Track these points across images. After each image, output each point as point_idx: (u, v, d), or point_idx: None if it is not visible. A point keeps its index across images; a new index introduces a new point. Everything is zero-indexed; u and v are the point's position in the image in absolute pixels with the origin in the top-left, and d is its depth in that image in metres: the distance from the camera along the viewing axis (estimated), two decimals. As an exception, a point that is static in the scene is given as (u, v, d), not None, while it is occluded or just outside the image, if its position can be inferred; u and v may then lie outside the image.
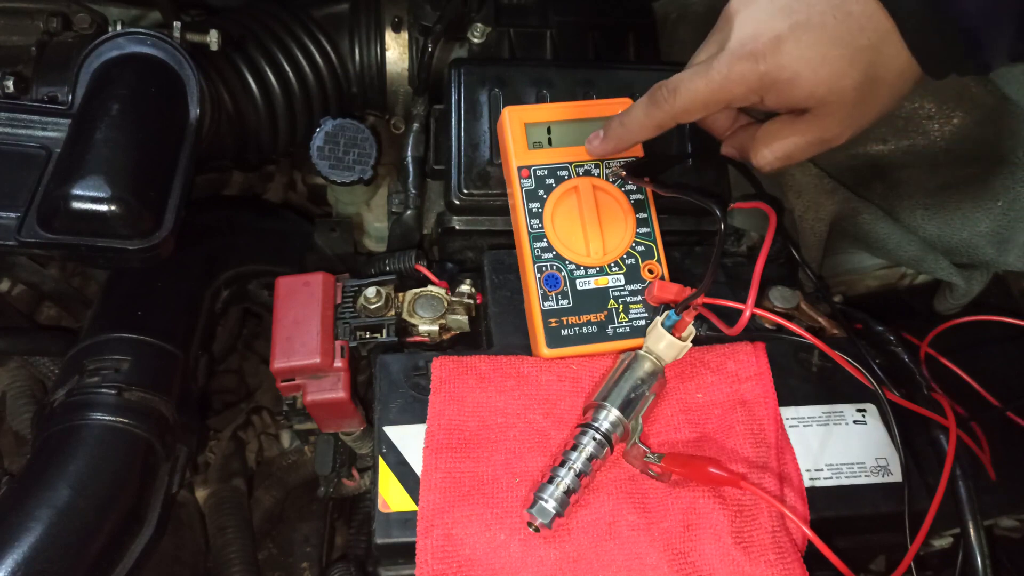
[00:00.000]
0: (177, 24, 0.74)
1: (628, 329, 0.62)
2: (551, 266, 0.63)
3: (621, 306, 0.62)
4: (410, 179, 0.82)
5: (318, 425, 0.71)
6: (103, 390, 0.67)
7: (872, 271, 0.82)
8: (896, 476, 0.60)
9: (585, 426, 0.56)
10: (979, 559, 0.58)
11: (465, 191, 0.70)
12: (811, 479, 0.59)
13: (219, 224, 0.90)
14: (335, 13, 0.90)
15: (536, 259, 0.63)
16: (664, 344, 0.57)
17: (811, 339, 0.61)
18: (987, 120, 0.72)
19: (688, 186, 0.62)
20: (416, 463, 0.57)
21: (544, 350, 0.61)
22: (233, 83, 0.84)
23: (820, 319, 0.68)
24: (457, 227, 0.72)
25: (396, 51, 0.90)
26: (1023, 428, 0.67)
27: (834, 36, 0.49)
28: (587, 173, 0.65)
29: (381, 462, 0.58)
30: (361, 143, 0.84)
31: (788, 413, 0.62)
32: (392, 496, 0.56)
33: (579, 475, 0.54)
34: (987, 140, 0.72)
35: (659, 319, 0.58)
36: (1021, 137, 0.70)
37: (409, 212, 0.81)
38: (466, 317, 0.67)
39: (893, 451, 0.61)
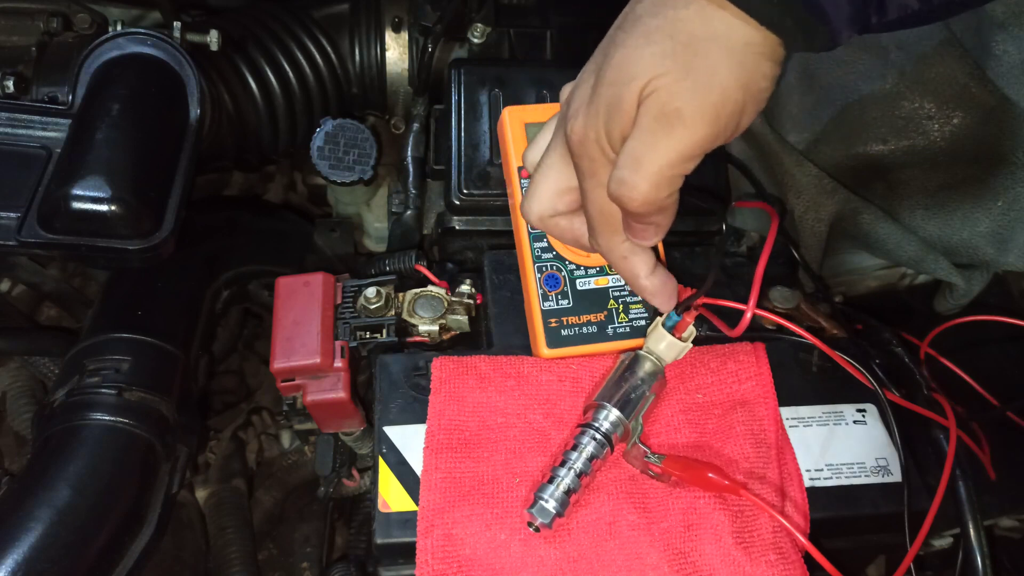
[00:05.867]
0: (177, 24, 0.74)
1: (628, 329, 0.62)
2: (551, 266, 0.63)
3: (621, 306, 0.62)
4: (410, 179, 0.82)
5: (318, 425, 0.71)
6: (103, 390, 0.67)
7: (872, 271, 0.82)
8: (896, 476, 0.60)
9: (585, 426, 0.56)
10: (979, 559, 0.58)
11: (465, 191, 0.70)
12: (811, 479, 0.59)
13: (219, 224, 0.90)
14: (335, 13, 0.90)
15: (536, 259, 0.63)
16: (665, 344, 0.57)
17: (811, 339, 0.61)
18: (987, 120, 0.72)
19: (688, 186, 0.62)
20: (416, 463, 0.57)
21: (544, 350, 0.61)
22: (233, 83, 0.84)
23: (820, 319, 0.68)
24: (457, 227, 0.72)
25: (396, 51, 0.90)
26: (1023, 428, 0.67)
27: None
28: (587, 173, 0.65)
29: (381, 462, 0.58)
30: (361, 143, 0.84)
31: (788, 413, 0.62)
32: (392, 496, 0.56)
33: (579, 475, 0.54)
34: (987, 140, 0.72)
35: (660, 319, 0.58)
36: (1021, 137, 0.70)
37: (409, 212, 0.81)
38: (466, 317, 0.67)
39: (893, 451, 0.61)
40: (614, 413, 0.55)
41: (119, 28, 0.72)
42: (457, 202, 0.70)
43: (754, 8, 0.43)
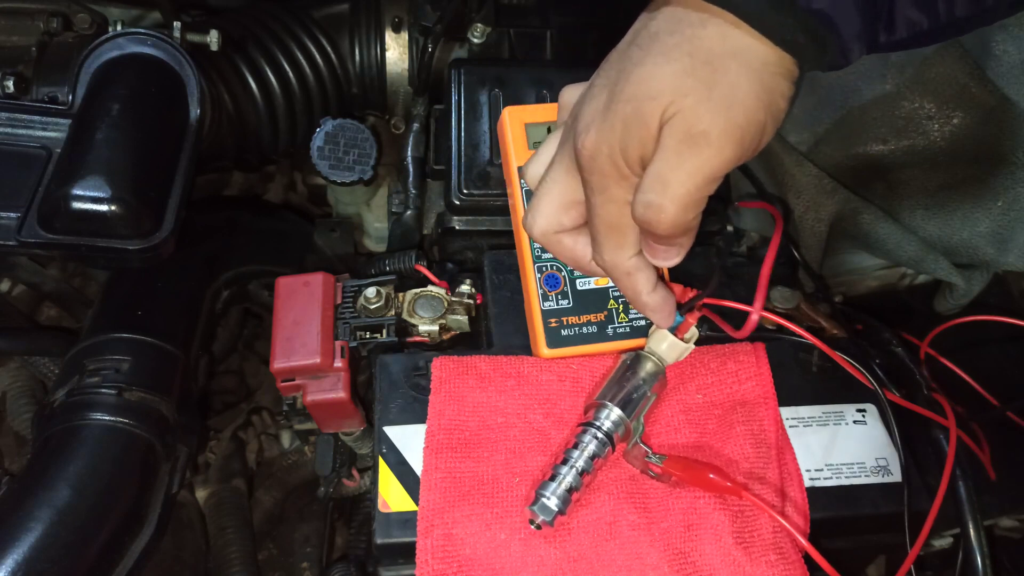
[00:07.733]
0: (177, 24, 0.74)
1: (628, 329, 0.62)
2: (551, 266, 0.63)
3: (621, 306, 0.62)
4: (410, 179, 0.82)
5: (318, 425, 0.71)
6: (103, 390, 0.67)
7: (872, 271, 0.82)
8: (896, 476, 0.60)
9: (587, 425, 0.56)
10: (979, 559, 0.58)
11: (465, 191, 0.70)
12: (811, 479, 0.59)
13: (219, 224, 0.90)
14: (335, 13, 0.90)
15: (536, 259, 0.63)
16: (666, 345, 0.57)
17: (811, 339, 0.61)
18: (987, 120, 0.72)
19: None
20: (416, 463, 0.57)
21: (544, 350, 0.61)
22: (233, 83, 0.84)
23: (820, 319, 0.68)
24: (457, 227, 0.72)
25: (396, 51, 0.90)
26: (1023, 428, 0.67)
27: None
28: (587, 173, 0.65)
29: (381, 462, 0.58)
30: (361, 143, 0.84)
31: (788, 413, 0.62)
32: (392, 496, 0.56)
33: (581, 473, 0.54)
34: (987, 140, 0.72)
35: (660, 319, 0.58)
36: (1021, 137, 0.70)
37: (409, 212, 0.81)
38: (466, 317, 0.67)
39: (893, 451, 0.61)
40: (616, 412, 0.55)
41: (119, 28, 0.72)
42: (457, 202, 0.70)
43: (768, 27, 0.43)
